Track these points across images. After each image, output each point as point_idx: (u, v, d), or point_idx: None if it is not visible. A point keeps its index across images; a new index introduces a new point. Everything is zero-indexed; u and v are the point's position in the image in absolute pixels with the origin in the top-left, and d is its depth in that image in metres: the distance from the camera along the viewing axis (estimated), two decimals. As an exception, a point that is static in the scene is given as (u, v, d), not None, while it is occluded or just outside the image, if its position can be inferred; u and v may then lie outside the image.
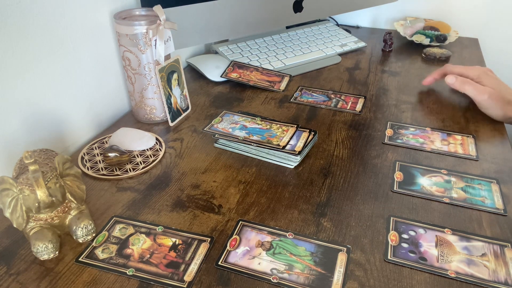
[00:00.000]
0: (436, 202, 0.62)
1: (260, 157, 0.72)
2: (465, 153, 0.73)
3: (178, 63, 0.83)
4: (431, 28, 1.21)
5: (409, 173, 0.68)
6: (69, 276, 0.51)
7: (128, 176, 0.68)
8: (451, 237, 0.56)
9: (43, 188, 0.50)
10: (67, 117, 0.75)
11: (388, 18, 1.35)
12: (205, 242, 0.56)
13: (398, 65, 1.08)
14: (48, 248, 0.52)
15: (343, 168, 0.70)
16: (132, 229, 0.58)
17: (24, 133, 0.67)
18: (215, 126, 0.76)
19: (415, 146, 0.75)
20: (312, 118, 0.84)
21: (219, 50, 1.08)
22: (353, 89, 0.95)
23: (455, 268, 0.52)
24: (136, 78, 0.79)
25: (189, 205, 0.62)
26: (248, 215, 0.60)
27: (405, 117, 0.84)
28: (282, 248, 0.55)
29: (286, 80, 0.98)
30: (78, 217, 0.55)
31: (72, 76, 0.75)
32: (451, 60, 1.10)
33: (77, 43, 0.74)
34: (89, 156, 0.73)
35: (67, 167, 0.56)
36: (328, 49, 1.13)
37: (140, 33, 0.74)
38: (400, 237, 0.56)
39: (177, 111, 0.83)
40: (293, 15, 1.08)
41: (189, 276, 0.51)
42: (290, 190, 0.65)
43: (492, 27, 1.26)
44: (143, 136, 0.75)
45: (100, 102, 0.83)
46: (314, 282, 0.50)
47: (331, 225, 0.59)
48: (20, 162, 0.58)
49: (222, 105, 0.89)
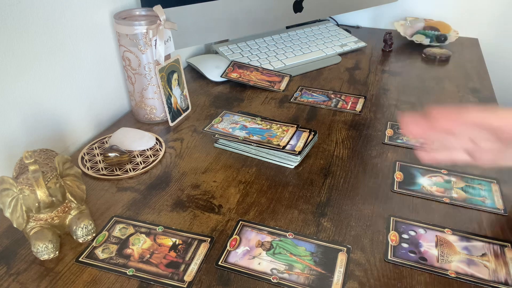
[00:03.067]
0: (436, 202, 0.62)
1: (260, 157, 0.72)
2: (465, 153, 0.73)
3: (178, 63, 0.83)
4: (431, 28, 1.21)
5: (409, 173, 0.68)
6: (69, 276, 0.51)
7: (128, 176, 0.68)
8: (451, 237, 0.56)
9: (43, 188, 0.50)
10: (67, 117, 0.75)
11: (388, 18, 1.35)
12: (205, 242, 0.56)
13: (398, 65, 1.08)
14: (48, 248, 0.52)
15: (343, 168, 0.70)
16: (132, 229, 0.58)
17: (24, 133, 0.67)
18: (215, 126, 0.76)
19: (415, 146, 0.75)
20: (312, 118, 0.84)
21: (219, 50, 1.08)
22: (353, 89, 0.95)
23: (455, 268, 0.52)
24: (136, 78, 0.79)
25: (189, 205, 0.62)
26: (248, 215, 0.60)
27: (405, 117, 0.84)
28: (282, 248, 0.55)
29: (286, 80, 0.98)
30: (78, 217, 0.55)
31: (72, 76, 0.75)
32: (451, 60, 1.10)
33: (77, 43, 0.74)
34: (89, 156, 0.73)
35: (67, 167, 0.56)
36: (328, 49, 1.12)
37: (140, 33, 0.74)
38: (400, 237, 0.56)
39: (177, 111, 0.83)
40: (293, 15, 1.08)
41: (189, 276, 0.51)
42: (290, 190, 0.65)
43: (492, 27, 1.26)
44: (143, 136, 0.75)
45: (100, 102, 0.83)
46: (314, 282, 0.50)
47: (331, 225, 0.59)
48: (20, 162, 0.58)
49: (222, 105, 0.89)
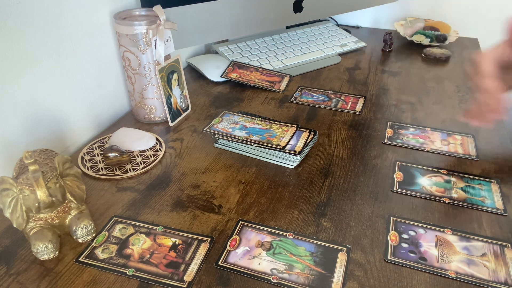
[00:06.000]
0: (436, 202, 0.62)
1: (260, 157, 0.72)
2: (465, 153, 0.73)
3: (178, 63, 0.83)
4: (431, 28, 1.21)
5: (409, 173, 0.68)
6: (69, 276, 0.51)
7: (128, 176, 0.68)
8: (451, 237, 0.56)
9: (43, 188, 0.50)
10: (67, 117, 0.75)
11: (388, 18, 1.35)
12: (205, 242, 0.56)
13: (398, 65, 1.08)
14: (48, 248, 0.52)
15: (343, 168, 0.70)
16: (132, 229, 0.58)
17: (24, 133, 0.67)
18: (215, 126, 0.76)
19: (415, 146, 0.75)
20: (312, 118, 0.84)
21: (219, 50, 1.08)
22: (353, 89, 0.95)
23: (455, 268, 0.52)
24: (136, 78, 0.79)
25: (189, 205, 0.62)
26: (248, 215, 0.60)
27: (405, 117, 0.84)
28: (282, 248, 0.55)
29: (286, 80, 0.98)
30: (78, 217, 0.55)
31: (72, 76, 0.75)
32: (451, 60, 1.10)
33: (77, 43, 0.74)
34: (89, 156, 0.73)
35: (67, 167, 0.56)
36: (328, 49, 1.12)
37: (140, 33, 0.74)
38: (400, 237, 0.56)
39: (177, 111, 0.83)
40: (293, 15, 1.08)
41: (189, 276, 0.51)
42: (290, 190, 0.65)
43: (492, 27, 1.25)
44: (143, 136, 0.75)
45: (100, 102, 0.83)
46: (314, 282, 0.50)
47: (331, 225, 0.59)
48: (20, 162, 0.58)
49: (222, 105, 0.89)
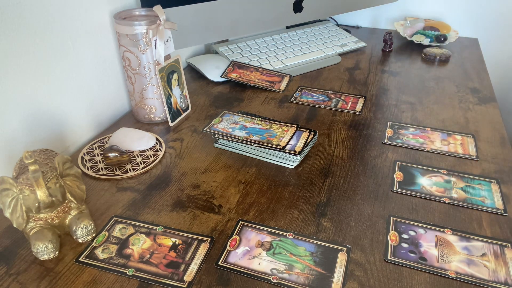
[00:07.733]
0: (436, 202, 0.62)
1: (260, 157, 0.72)
2: (465, 153, 0.73)
3: (178, 63, 0.83)
4: (431, 28, 1.21)
5: (409, 173, 0.68)
6: (69, 276, 0.51)
7: (128, 176, 0.68)
8: (451, 237, 0.56)
9: (43, 188, 0.50)
10: (67, 117, 0.75)
11: (388, 18, 1.35)
12: (205, 242, 0.56)
13: (398, 65, 1.08)
14: (48, 248, 0.52)
15: (343, 168, 0.70)
16: (132, 229, 0.58)
17: (24, 133, 0.67)
18: (215, 126, 0.76)
19: (415, 146, 0.75)
20: (312, 118, 0.84)
21: (219, 50, 1.08)
22: (353, 89, 0.95)
23: (455, 268, 0.52)
24: (136, 78, 0.79)
25: (189, 205, 0.62)
26: (248, 215, 0.60)
27: (405, 117, 0.84)
28: (282, 248, 0.55)
29: (286, 80, 0.98)
30: (78, 217, 0.55)
31: (72, 76, 0.75)
32: (451, 60, 1.10)
33: (77, 43, 0.74)
34: (89, 156, 0.73)
35: (67, 167, 0.56)
36: (328, 49, 1.12)
37: (140, 33, 0.74)
38: (400, 237, 0.56)
39: (177, 111, 0.83)
40: (293, 15, 1.08)
41: (189, 276, 0.51)
42: (290, 190, 0.65)
43: (492, 27, 1.26)
44: (143, 136, 0.75)
45: (100, 102, 0.83)
46: (314, 282, 0.50)
47: (331, 225, 0.59)
48: (20, 162, 0.58)
49: (222, 105, 0.89)
